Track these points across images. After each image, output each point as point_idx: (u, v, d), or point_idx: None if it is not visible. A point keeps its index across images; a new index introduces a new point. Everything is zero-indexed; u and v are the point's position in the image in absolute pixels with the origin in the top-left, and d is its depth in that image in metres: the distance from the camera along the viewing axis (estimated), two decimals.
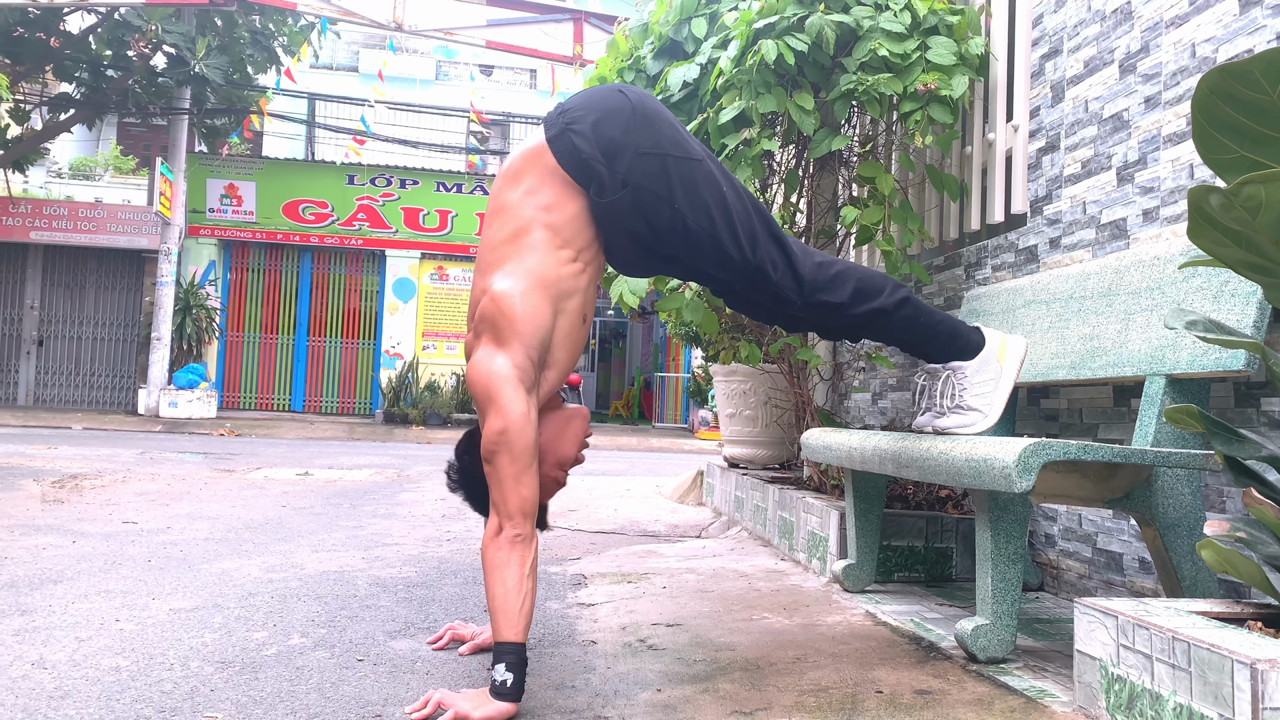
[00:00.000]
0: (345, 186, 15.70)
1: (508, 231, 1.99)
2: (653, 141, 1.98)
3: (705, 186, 2.00)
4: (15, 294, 15.27)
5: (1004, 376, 2.16)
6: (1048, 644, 2.27)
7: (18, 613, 2.52)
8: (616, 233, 2.05)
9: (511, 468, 1.87)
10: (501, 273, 1.96)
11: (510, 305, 1.91)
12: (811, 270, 2.09)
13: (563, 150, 1.98)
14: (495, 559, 1.84)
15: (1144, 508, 2.09)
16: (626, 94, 2.04)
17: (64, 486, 5.41)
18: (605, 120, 1.98)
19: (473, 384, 1.92)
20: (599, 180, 1.97)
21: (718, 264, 2.06)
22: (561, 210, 1.98)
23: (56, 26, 13.54)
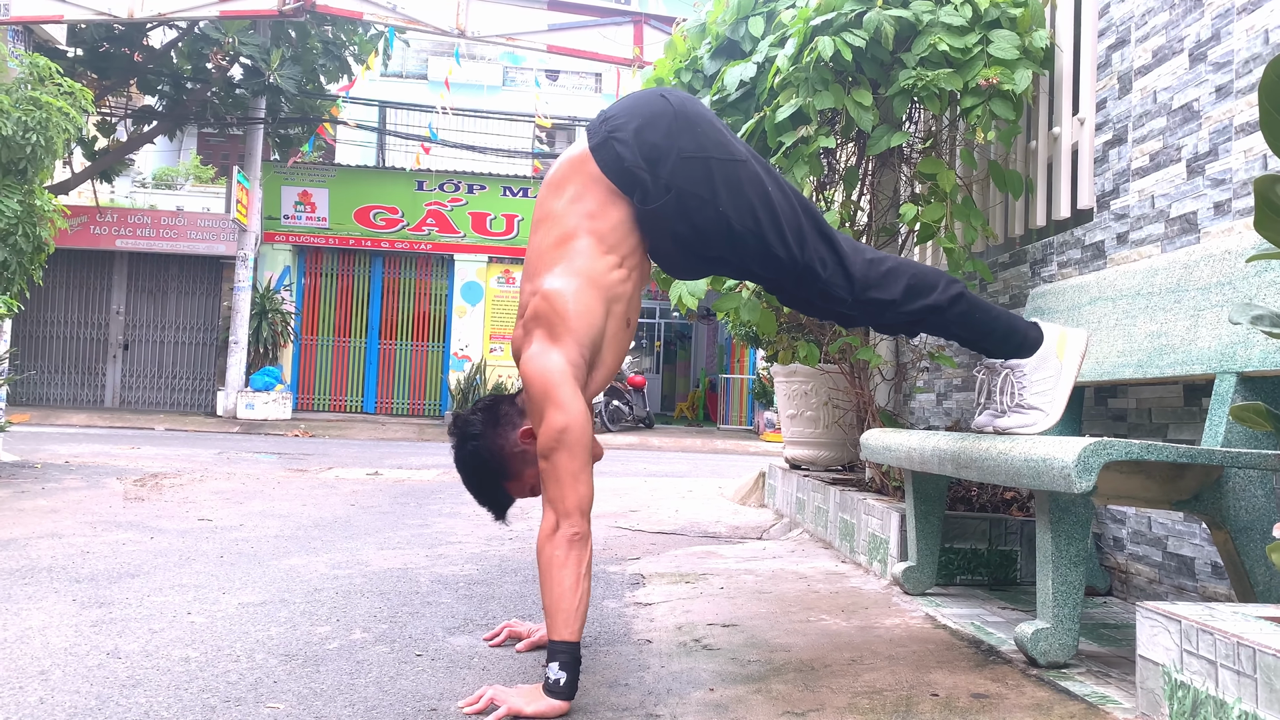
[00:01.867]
0: (415, 192, 15.98)
1: (554, 237, 2.01)
2: (696, 145, 1.98)
3: (750, 187, 2.00)
4: (103, 300, 15.86)
5: (1064, 372, 2.10)
6: (1113, 649, 2.21)
7: (96, 605, 2.63)
8: (662, 237, 2.05)
9: (571, 464, 1.88)
10: (551, 274, 1.97)
11: (563, 303, 1.93)
12: (862, 267, 2.06)
13: (606, 159, 1.99)
14: (553, 557, 1.84)
15: (1214, 510, 2.02)
16: (668, 98, 2.04)
17: (145, 485, 5.61)
18: (647, 126, 1.98)
19: (529, 379, 1.92)
20: (643, 186, 1.97)
21: (765, 263, 2.05)
22: (606, 217, 1.99)
23: (140, 42, 14.05)
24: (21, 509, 4.44)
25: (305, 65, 14.19)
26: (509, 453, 2.08)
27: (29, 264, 5.90)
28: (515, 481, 2.12)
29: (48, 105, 5.75)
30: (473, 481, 2.13)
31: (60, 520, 4.14)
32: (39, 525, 3.98)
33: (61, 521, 4.10)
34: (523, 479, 2.11)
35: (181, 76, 14.40)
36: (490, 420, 2.11)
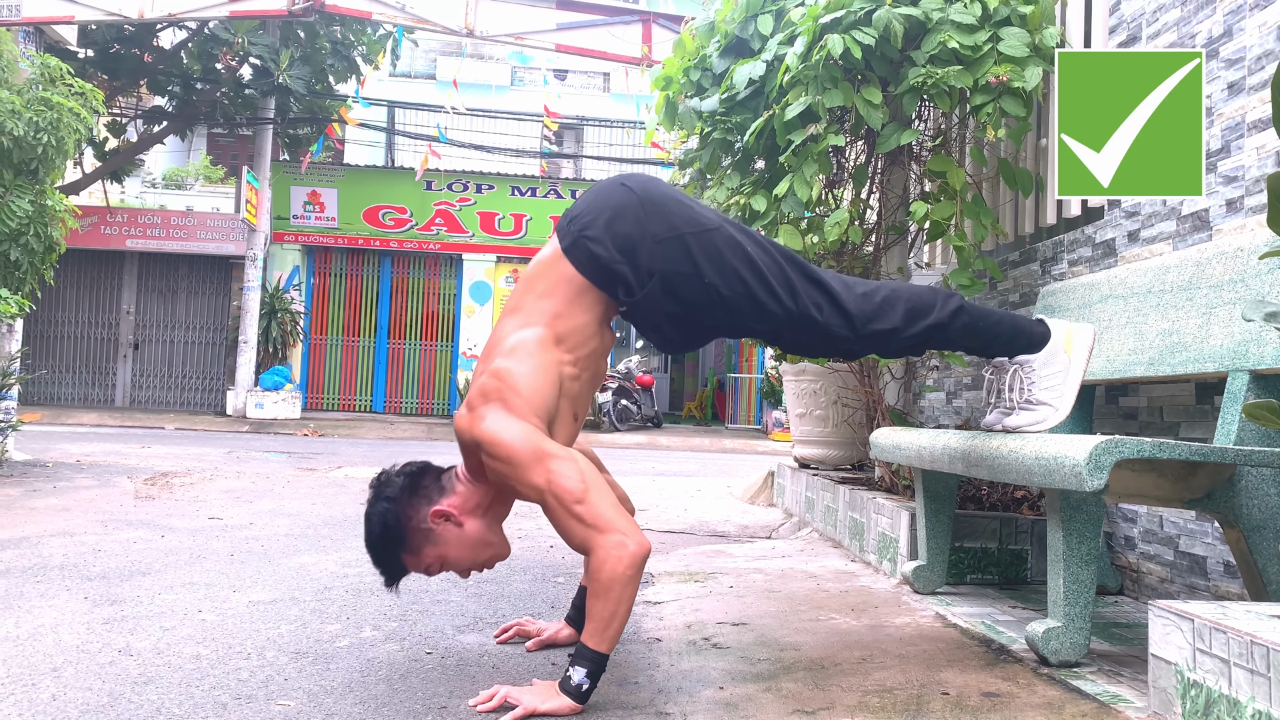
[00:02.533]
0: (423, 192, 16.00)
1: (514, 327, 2.01)
2: (667, 226, 1.97)
3: (729, 252, 1.99)
4: (113, 300, 15.93)
5: (1073, 368, 2.09)
6: (1125, 649, 2.20)
7: (108, 602, 2.64)
8: (656, 320, 2.06)
9: (609, 495, 1.88)
10: (505, 358, 1.97)
11: (515, 379, 1.92)
12: (857, 303, 2.05)
13: (580, 259, 1.98)
14: (629, 574, 1.80)
15: (1227, 509, 2.02)
16: (629, 186, 2.03)
17: (155, 484, 5.63)
18: (616, 219, 1.98)
19: (507, 446, 1.86)
20: (624, 280, 1.97)
21: (761, 320, 2.04)
22: (569, 318, 2.00)
23: (150, 43, 14.10)
24: (33, 507, 4.46)
25: (314, 65, 14.23)
26: (414, 526, 2.02)
27: (40, 264, 5.93)
28: (412, 556, 2.04)
29: (59, 106, 5.78)
30: (372, 541, 2.05)
31: (72, 518, 4.16)
32: (51, 523, 4.00)
33: (73, 520, 4.12)
34: (420, 556, 2.04)
35: (191, 77, 14.44)
36: (409, 488, 2.04)
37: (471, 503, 2.04)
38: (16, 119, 5.62)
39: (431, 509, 2.02)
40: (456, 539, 2.04)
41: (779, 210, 3.28)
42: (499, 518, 2.11)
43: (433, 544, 2.03)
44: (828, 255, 3.63)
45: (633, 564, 1.80)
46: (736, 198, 3.40)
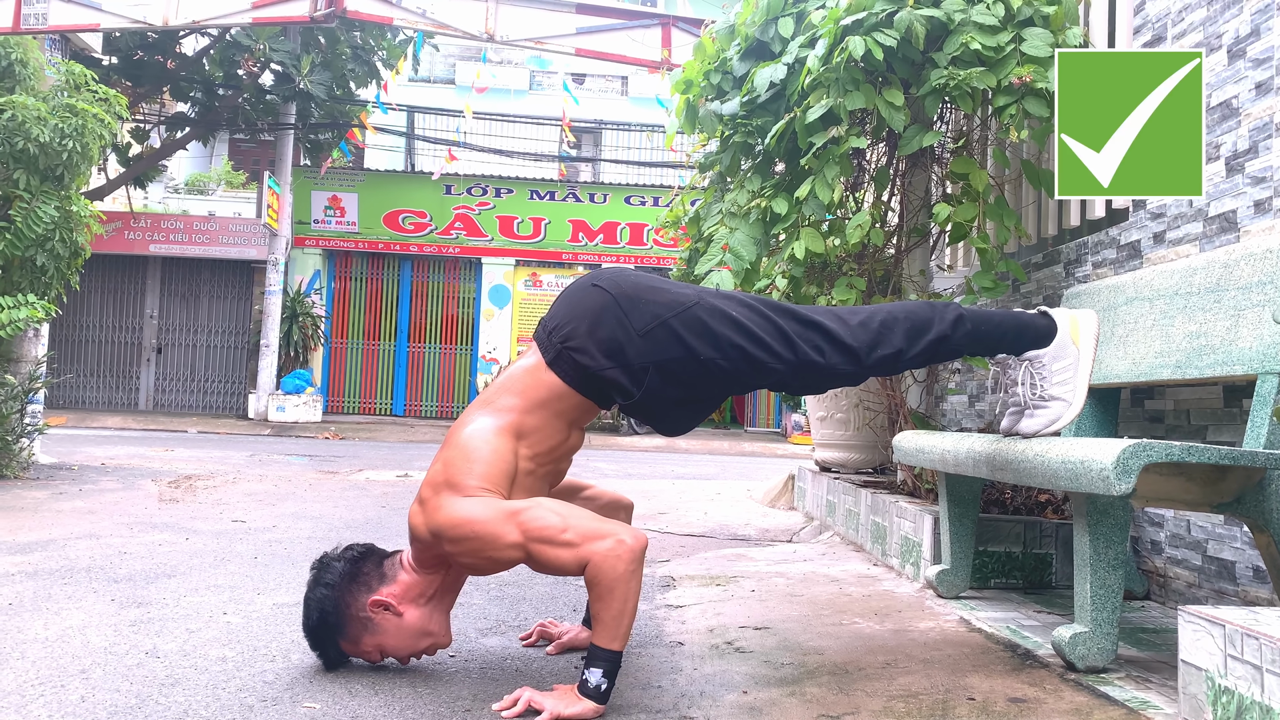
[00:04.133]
0: (443, 196, 16.07)
1: (477, 417, 2.01)
2: (649, 316, 1.96)
3: (716, 322, 1.96)
4: (137, 304, 16.08)
5: (1082, 358, 2.06)
6: (1153, 654, 2.18)
7: (135, 605, 2.66)
8: (663, 410, 2.06)
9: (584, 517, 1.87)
10: (452, 448, 1.97)
11: (467, 462, 1.92)
12: (856, 335, 2.02)
13: (567, 371, 1.98)
14: (629, 571, 1.81)
15: (1256, 513, 1.99)
16: (601, 286, 2.01)
17: (179, 486, 5.67)
18: (597, 324, 1.96)
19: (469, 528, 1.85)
20: (618, 385, 1.97)
21: (764, 376, 2.03)
22: (536, 417, 1.99)
23: (173, 49, 14.23)
24: (60, 510, 4.50)
25: (335, 71, 14.32)
26: (352, 614, 2.00)
27: (66, 269, 5.99)
28: (350, 644, 2.03)
29: (83, 112, 5.84)
30: (310, 628, 2.04)
31: (98, 521, 4.19)
32: (77, 526, 4.04)
33: (99, 522, 4.16)
34: (358, 644, 2.03)
35: (214, 83, 14.56)
36: (349, 574, 2.02)
37: (414, 592, 2.03)
38: (42, 125, 5.68)
39: (370, 599, 2.00)
40: (395, 628, 2.02)
41: (800, 213, 3.28)
42: (445, 606, 2.08)
43: (370, 633, 2.02)
44: (849, 258, 3.62)
45: (631, 559, 1.81)
46: (757, 200, 3.39)
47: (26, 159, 5.72)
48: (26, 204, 5.71)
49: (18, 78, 6.07)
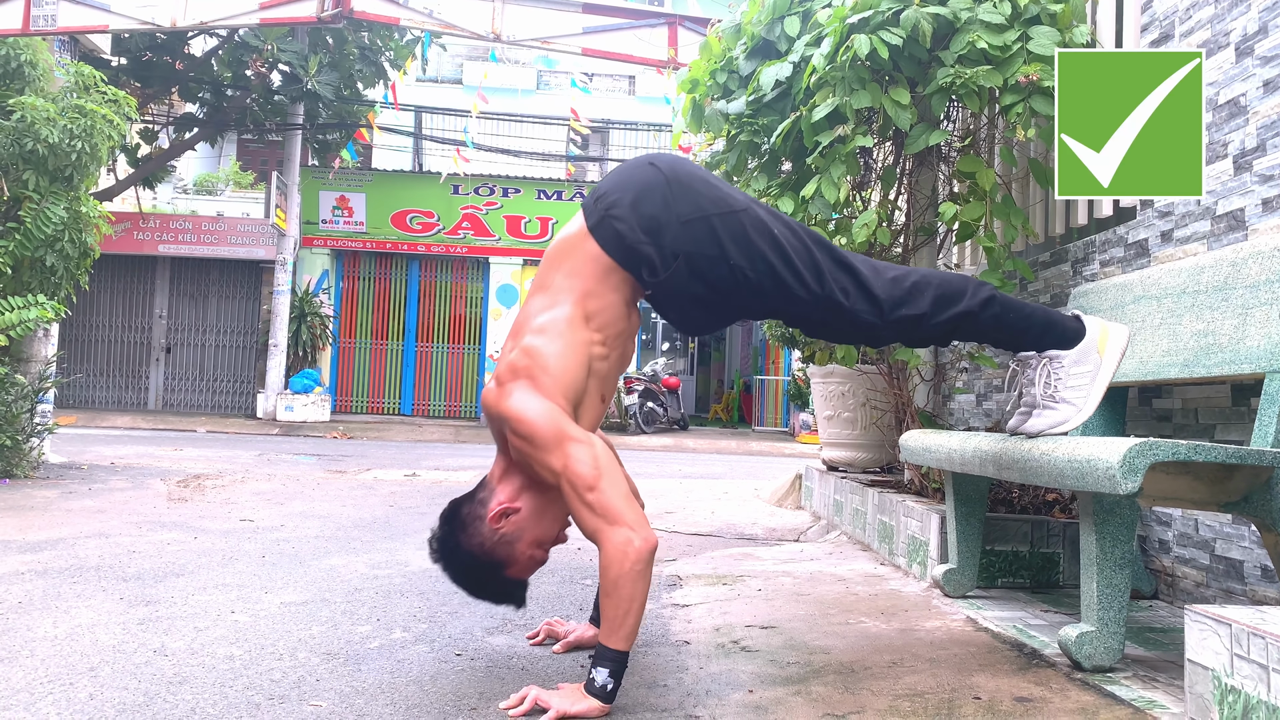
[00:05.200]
0: (450, 196, 16.10)
1: (543, 306, 2.01)
2: (694, 206, 1.96)
3: (756, 234, 1.97)
4: (146, 304, 16.15)
5: (1103, 369, 2.05)
6: (1160, 654, 2.17)
7: (143, 603, 2.67)
8: (681, 303, 2.05)
9: (619, 485, 1.88)
10: (534, 335, 1.97)
11: (545, 358, 1.93)
12: (886, 287, 2.02)
13: (606, 238, 1.98)
14: (636, 571, 1.81)
15: (1264, 512, 1.98)
16: (658, 165, 2.02)
17: (187, 486, 5.70)
18: (643, 198, 1.97)
19: (530, 424, 1.88)
20: (648, 261, 1.97)
21: (787, 304, 2.03)
22: (598, 297, 1.99)
23: (181, 50, 14.29)
24: (70, 509, 4.52)
25: (342, 71, 14.35)
26: (493, 545, 2.01)
27: (75, 269, 6.02)
28: (515, 565, 2.04)
29: (92, 113, 5.86)
30: (480, 590, 2.07)
31: (107, 520, 4.21)
32: (86, 525, 4.06)
33: (108, 521, 4.18)
34: (519, 560, 2.04)
35: (222, 84, 14.61)
36: (458, 527, 2.03)
37: (511, 486, 2.04)
38: (51, 126, 5.71)
39: (488, 517, 2.02)
40: (529, 519, 2.03)
41: (806, 212, 3.27)
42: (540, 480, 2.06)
43: (517, 540, 2.03)
44: None
45: (639, 560, 1.80)
46: (763, 199, 3.39)
47: (36, 160, 5.75)
48: (36, 205, 5.74)
49: (27, 79, 6.11)
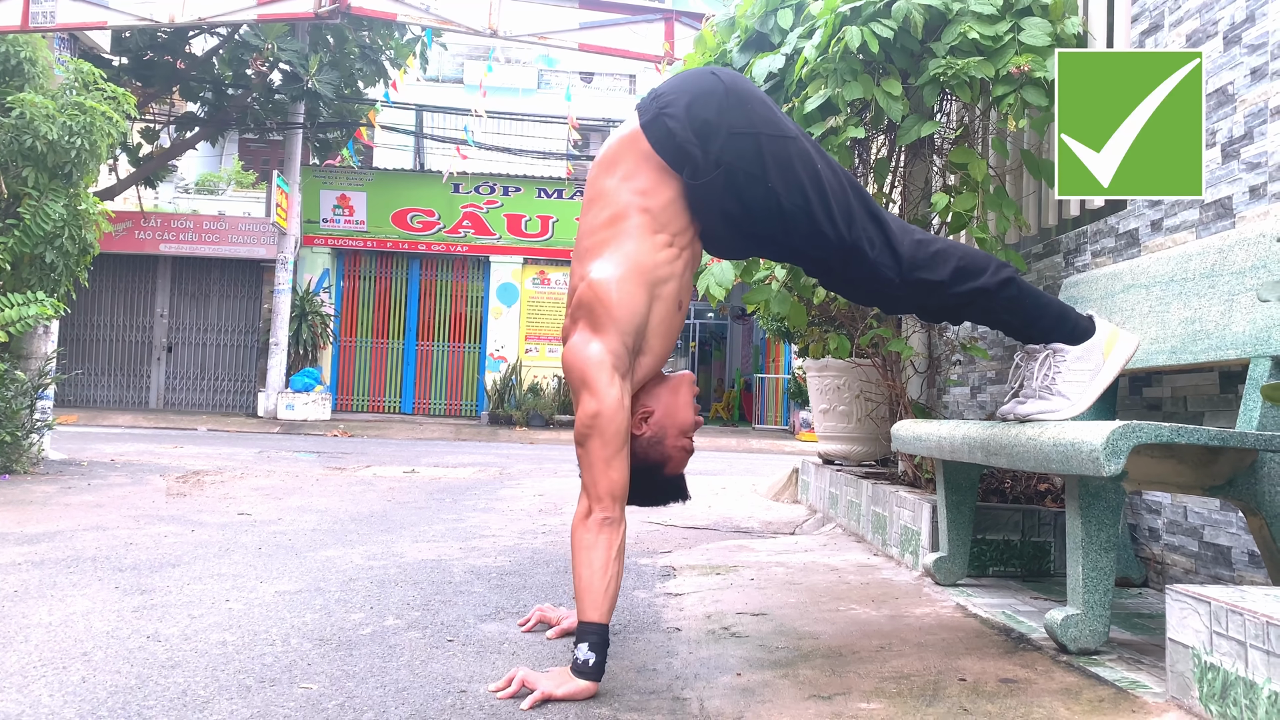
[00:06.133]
0: (451, 195, 16.12)
1: (605, 217, 2.03)
2: (745, 121, 1.98)
3: (799, 163, 1.99)
4: (147, 303, 16.18)
5: (1104, 371, 2.07)
6: (1146, 638, 2.19)
7: (138, 592, 2.69)
8: (711, 214, 2.05)
9: (603, 451, 1.90)
10: (599, 260, 1.99)
11: (607, 292, 1.94)
12: (910, 247, 2.05)
13: (657, 135, 2.00)
14: (583, 540, 1.87)
15: (1248, 496, 2.00)
16: (719, 75, 2.05)
17: (186, 481, 5.71)
18: (698, 102, 1.99)
19: (568, 368, 1.95)
20: (693, 162, 1.98)
21: (813, 242, 2.04)
22: (657, 195, 2.00)
23: (182, 50, 14.31)
24: (68, 503, 4.54)
25: (343, 70, 14.37)
26: (644, 450, 2.06)
27: (75, 266, 6.04)
28: (671, 462, 2.11)
29: (92, 110, 5.88)
30: (648, 497, 2.12)
31: (105, 514, 4.23)
32: (84, 518, 4.07)
33: (106, 515, 4.19)
34: (672, 455, 2.10)
35: (223, 83, 14.64)
36: None
37: (643, 394, 2.08)
38: (50, 123, 5.73)
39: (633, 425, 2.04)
40: (665, 415, 2.09)
41: None
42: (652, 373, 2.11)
43: (663, 440, 2.08)
44: None
45: (589, 530, 1.87)
46: None
47: (35, 157, 5.77)
48: (35, 201, 5.76)
49: (26, 76, 6.13)
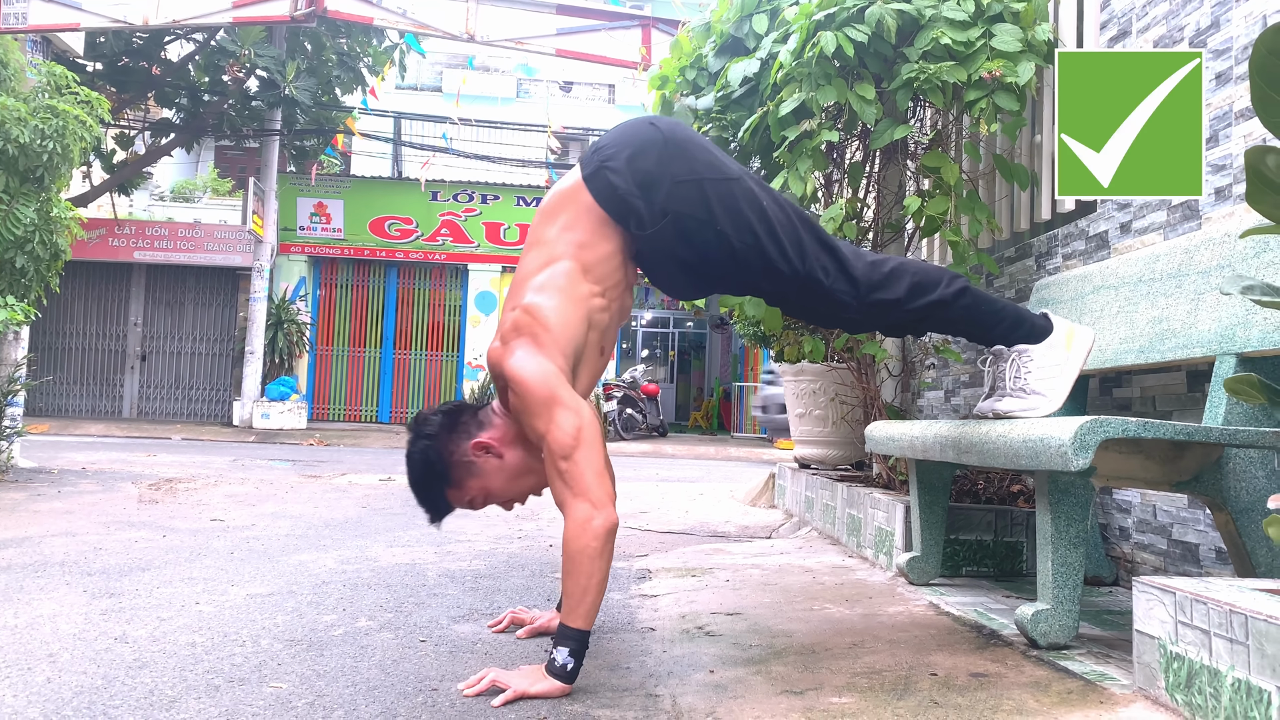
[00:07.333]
0: (429, 203, 16.08)
1: (540, 261, 2.03)
2: (688, 169, 2.00)
3: (745, 203, 2.01)
4: (121, 312, 16.02)
5: (1069, 363, 2.10)
6: (1115, 633, 2.20)
7: (106, 595, 2.66)
8: (664, 262, 2.08)
9: (595, 459, 1.89)
10: (534, 292, 1.99)
11: (545, 315, 1.94)
12: (864, 270, 2.07)
13: (599, 188, 2.01)
14: (594, 548, 1.82)
15: (1214, 491, 2.02)
16: (657, 125, 2.06)
17: (159, 488, 5.65)
18: (639, 154, 2.00)
19: (526, 384, 1.89)
20: (637, 214, 1.99)
21: (768, 278, 2.07)
22: (594, 248, 2.02)
23: (158, 55, 14.22)
24: (37, 510, 4.48)
25: (320, 77, 14.33)
26: (456, 460, 2.04)
27: (46, 271, 5.97)
28: (456, 490, 2.07)
29: (64, 113, 5.83)
30: (416, 480, 2.08)
31: (74, 520, 4.18)
32: (53, 525, 4.02)
33: (76, 521, 4.14)
34: (464, 488, 2.06)
35: (199, 89, 14.56)
36: (448, 425, 2.06)
37: (511, 434, 2.05)
38: (22, 126, 5.67)
39: (472, 442, 2.04)
40: (498, 469, 2.06)
41: None
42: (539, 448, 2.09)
43: (475, 476, 2.05)
44: None
45: (597, 537, 1.82)
46: None
47: (6, 160, 5.70)
48: (5, 206, 5.70)
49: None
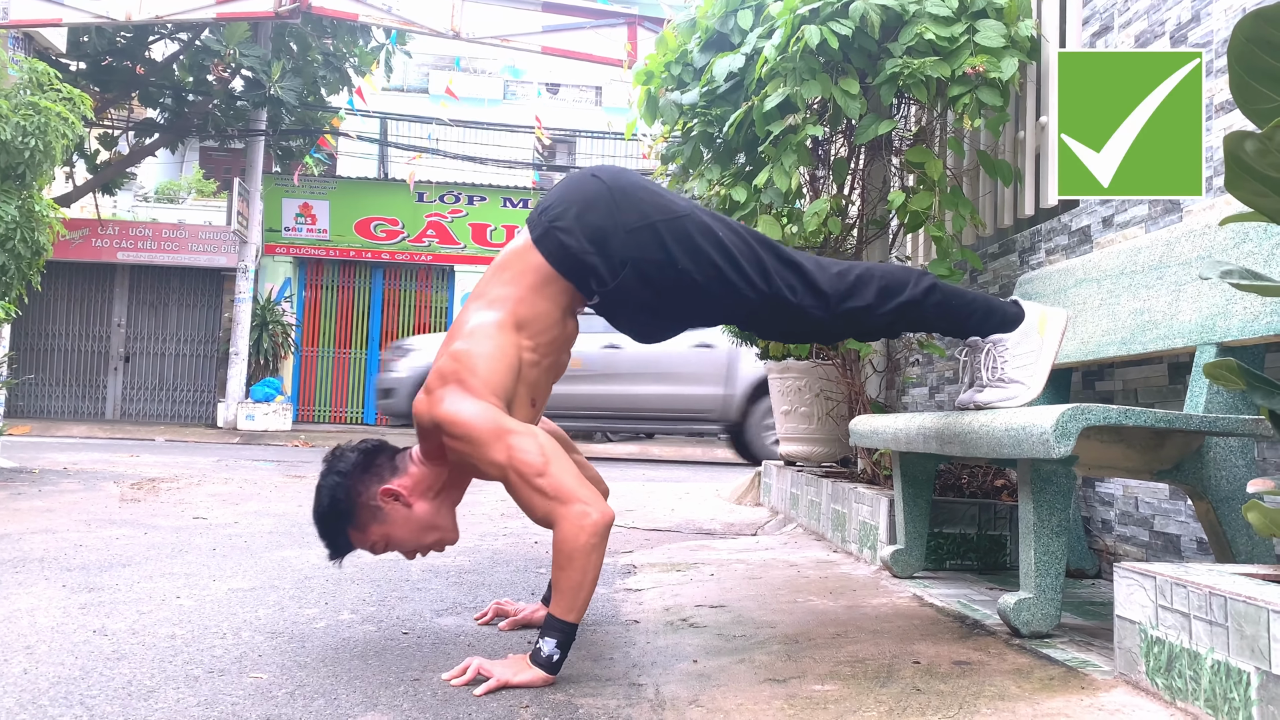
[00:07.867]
0: (415, 204, 16.02)
1: (476, 310, 2.02)
2: (638, 215, 1.99)
3: (701, 237, 2.00)
4: (104, 312, 15.91)
5: (1045, 348, 2.11)
6: (1097, 623, 2.21)
7: (86, 590, 2.63)
8: (633, 311, 2.09)
9: (570, 468, 1.89)
10: (462, 340, 1.97)
11: (472, 361, 1.93)
12: (831, 281, 2.07)
13: (550, 249, 2.00)
14: (591, 542, 1.82)
15: (1195, 480, 2.03)
16: (600, 177, 2.05)
17: (141, 488, 5.61)
18: (587, 210, 1.99)
19: (466, 427, 1.86)
20: (595, 272, 1.98)
21: (737, 305, 2.07)
22: (531, 305, 2.00)
23: (142, 54, 14.13)
24: (17, 508, 4.44)
25: (306, 77, 14.27)
26: (363, 503, 2.02)
27: (27, 269, 5.92)
28: (358, 532, 2.04)
29: (46, 111, 5.78)
30: (320, 515, 2.05)
31: (55, 518, 4.15)
32: (34, 522, 3.99)
33: (56, 519, 4.11)
34: (366, 532, 2.04)
35: (183, 89, 14.48)
36: (362, 465, 2.04)
37: (423, 485, 2.04)
38: (4, 124, 5.62)
39: (381, 487, 2.02)
40: (403, 519, 2.04)
41: (759, 201, 3.31)
42: (451, 502, 2.11)
43: (379, 522, 2.03)
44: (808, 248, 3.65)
45: (595, 532, 1.81)
46: (716, 189, 3.42)
47: None
48: None
49: None
